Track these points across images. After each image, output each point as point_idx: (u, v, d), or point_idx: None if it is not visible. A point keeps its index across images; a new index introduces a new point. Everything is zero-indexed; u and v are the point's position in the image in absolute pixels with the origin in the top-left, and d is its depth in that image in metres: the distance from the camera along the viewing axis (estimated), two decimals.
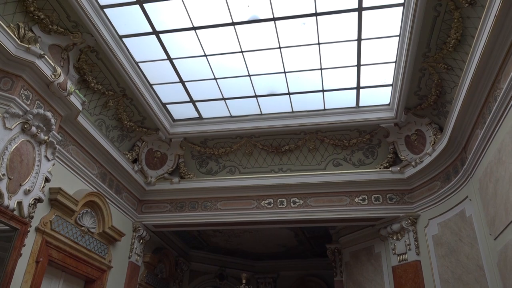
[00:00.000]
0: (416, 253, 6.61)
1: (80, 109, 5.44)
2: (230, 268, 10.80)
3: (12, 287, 4.54)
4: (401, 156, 7.10)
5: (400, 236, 6.91)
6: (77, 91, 5.35)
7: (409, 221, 6.77)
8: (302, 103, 6.97)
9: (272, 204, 7.43)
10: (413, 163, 6.82)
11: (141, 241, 7.65)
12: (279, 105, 7.06)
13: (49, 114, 4.78)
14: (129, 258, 7.30)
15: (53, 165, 5.06)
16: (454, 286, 5.82)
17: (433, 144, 6.42)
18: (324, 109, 7.07)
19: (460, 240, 5.87)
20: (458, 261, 5.83)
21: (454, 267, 5.88)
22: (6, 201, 4.28)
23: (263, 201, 7.48)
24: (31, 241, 4.94)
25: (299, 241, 9.80)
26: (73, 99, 5.22)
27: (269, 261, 11.15)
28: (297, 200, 7.37)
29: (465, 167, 5.68)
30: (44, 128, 4.78)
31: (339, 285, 8.27)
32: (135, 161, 7.47)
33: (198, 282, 10.46)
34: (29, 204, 4.61)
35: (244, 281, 7.12)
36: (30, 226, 4.72)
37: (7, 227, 4.39)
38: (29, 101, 4.66)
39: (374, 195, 7.14)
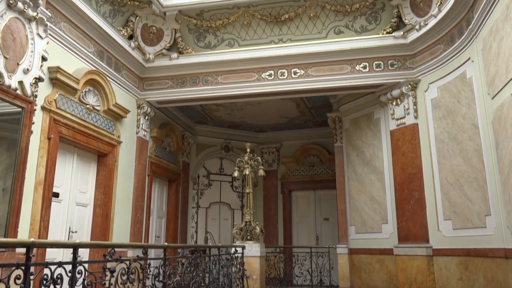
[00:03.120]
0: (414, 116, 6.80)
1: None
2: (235, 140, 11.27)
3: (31, 162, 4.83)
4: (405, 20, 6.84)
5: (399, 102, 7.04)
6: None
7: (409, 86, 6.82)
8: None
9: (273, 76, 7.43)
10: (417, 27, 6.61)
11: (146, 117, 7.86)
12: None
13: None
14: (137, 133, 7.59)
15: (48, 43, 4.96)
16: (448, 145, 6.12)
17: (439, 5, 6.14)
18: None
19: (458, 101, 5.99)
20: (454, 122, 6.03)
21: (450, 127, 6.11)
22: (7, 81, 4.30)
23: (264, 73, 7.47)
24: (39, 119, 5.08)
25: (300, 111, 10.02)
26: None
27: (272, 133, 11.58)
28: (297, 71, 7.35)
29: (470, 27, 5.51)
30: (31, 3, 4.58)
31: (339, 151, 8.70)
32: (130, 37, 7.28)
33: (205, 154, 11.02)
34: (31, 83, 4.65)
35: (248, 150, 7.48)
36: (36, 105, 4.81)
37: (14, 107, 4.50)
38: None
39: (375, 62, 7.08)
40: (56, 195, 5.61)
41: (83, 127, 5.98)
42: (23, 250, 2.11)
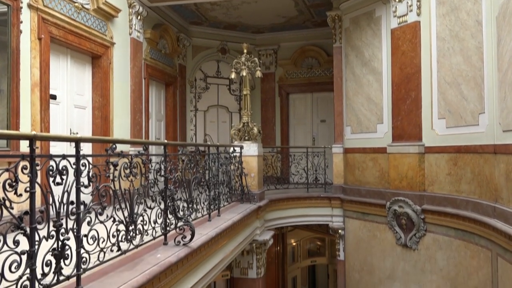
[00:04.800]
0: (417, 13, 6.54)
1: None
2: (231, 42, 10.96)
3: (24, 64, 4.76)
4: None
5: None
6: None
7: None
8: None
9: None
10: None
11: (139, 18, 7.55)
12: None
13: None
14: (130, 34, 7.35)
15: None
16: (449, 43, 5.98)
17: None
18: None
19: None
20: (457, 18, 5.82)
21: (453, 24, 5.91)
22: None
23: None
24: (27, 19, 4.88)
25: (299, 10, 9.60)
26: None
27: (269, 34, 11.21)
28: None
29: None
30: None
31: (337, 51, 8.53)
32: None
33: (201, 56, 10.80)
34: None
35: (245, 51, 7.31)
36: (22, 2, 4.60)
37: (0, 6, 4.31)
38: None
39: None
40: (54, 97, 5.62)
41: (74, 27, 5.77)
42: (28, 150, 2.17)
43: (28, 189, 2.12)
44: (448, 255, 6.09)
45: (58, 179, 2.35)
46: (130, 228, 3.22)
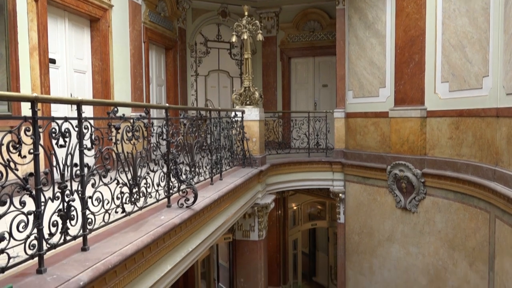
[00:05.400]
0: None
1: None
2: (232, 4, 10.70)
3: (21, 27, 4.68)
4: None
5: None
6: None
7: None
8: None
9: None
10: None
11: None
12: None
13: None
14: None
15: None
16: (455, 4, 5.83)
17: None
18: None
19: None
20: None
21: None
22: None
23: None
24: None
25: None
26: None
27: None
28: None
29: None
30: None
31: (340, 14, 8.35)
32: None
33: (201, 20, 10.58)
34: None
35: (246, 13, 7.15)
36: None
37: None
38: None
39: None
40: (53, 61, 5.55)
41: None
42: (29, 113, 2.17)
43: (32, 151, 2.14)
44: (447, 217, 6.19)
45: (61, 142, 2.37)
46: (134, 190, 3.26)
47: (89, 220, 2.64)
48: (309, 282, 13.62)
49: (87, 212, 2.61)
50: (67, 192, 2.43)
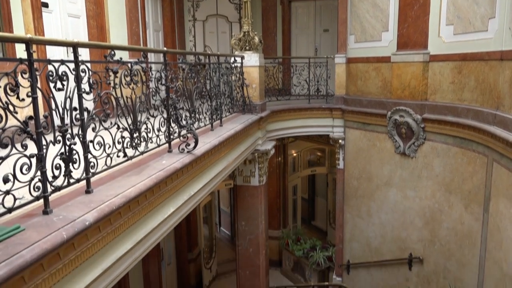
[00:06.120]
0: None
1: None
2: None
3: None
4: None
5: None
6: None
7: None
8: None
9: None
10: None
11: None
12: None
13: None
14: None
15: None
16: None
17: None
18: None
19: None
20: None
21: None
22: None
23: None
24: None
25: None
26: None
27: None
28: None
29: None
30: None
31: None
32: None
33: None
34: None
35: None
36: None
37: None
38: None
39: None
40: (45, 5, 5.37)
41: None
42: (25, 55, 2.12)
43: (30, 94, 2.12)
44: (445, 162, 6.26)
45: (59, 85, 2.34)
46: (135, 135, 3.27)
47: (92, 163, 2.67)
48: (308, 226, 14.05)
49: (89, 156, 2.63)
50: (68, 136, 2.44)
